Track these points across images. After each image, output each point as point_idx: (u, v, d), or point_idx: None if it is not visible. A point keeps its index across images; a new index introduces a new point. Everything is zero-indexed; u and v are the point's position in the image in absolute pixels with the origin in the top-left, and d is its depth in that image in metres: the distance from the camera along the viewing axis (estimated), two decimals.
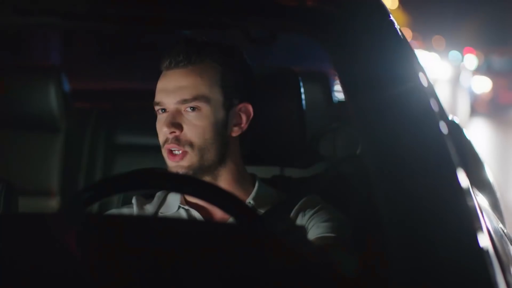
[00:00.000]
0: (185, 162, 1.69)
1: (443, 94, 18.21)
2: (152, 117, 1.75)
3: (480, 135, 12.31)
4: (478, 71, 16.88)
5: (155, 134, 1.74)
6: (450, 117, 2.27)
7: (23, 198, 2.00)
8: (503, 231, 1.67)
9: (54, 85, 2.65)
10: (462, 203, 1.22)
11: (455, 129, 2.34)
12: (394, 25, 1.47)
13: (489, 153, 9.87)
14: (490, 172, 2.40)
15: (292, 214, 1.73)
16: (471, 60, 19.17)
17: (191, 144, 1.69)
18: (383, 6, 1.50)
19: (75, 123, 2.78)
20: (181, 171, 1.69)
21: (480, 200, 1.76)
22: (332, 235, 1.66)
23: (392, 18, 1.48)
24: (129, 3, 1.57)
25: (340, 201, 1.80)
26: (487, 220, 1.46)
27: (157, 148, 1.75)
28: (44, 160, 2.70)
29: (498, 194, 2.26)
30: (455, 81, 22.39)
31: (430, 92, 1.44)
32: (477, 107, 15.57)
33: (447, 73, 26.76)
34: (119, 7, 1.57)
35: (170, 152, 1.70)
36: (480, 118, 14.79)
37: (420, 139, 1.30)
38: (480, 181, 2.21)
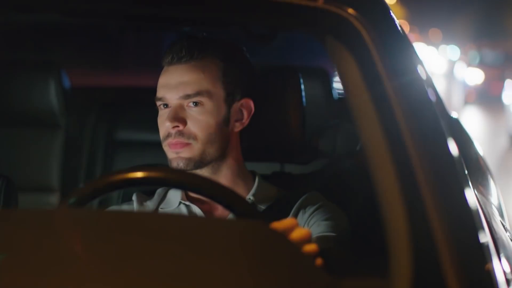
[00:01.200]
0: (185, 153, 1.69)
1: (439, 85, 18.50)
2: (153, 113, 1.75)
3: (473, 122, 12.95)
4: (471, 63, 17.32)
5: (155, 130, 1.74)
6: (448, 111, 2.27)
7: (23, 194, 2.00)
8: (503, 225, 1.68)
9: (54, 81, 2.64)
10: (463, 200, 1.22)
11: (453, 123, 2.34)
12: (394, 22, 1.47)
13: (482, 138, 10.13)
14: (488, 162, 2.41)
15: (292, 211, 1.73)
16: (466, 53, 19.43)
17: (195, 137, 1.69)
18: (383, 3, 1.49)
19: (75, 119, 2.78)
20: (181, 162, 1.69)
21: (480, 195, 1.77)
22: (333, 234, 1.66)
23: (392, 14, 1.47)
24: (130, 0, 1.56)
25: (341, 197, 1.80)
26: (488, 217, 1.46)
27: (157, 144, 1.74)
28: (44, 156, 2.69)
29: (499, 190, 2.27)
30: (450, 73, 22.69)
31: (430, 86, 1.44)
32: (470, 98, 16.02)
33: (443, 66, 26.85)
34: (120, 4, 1.57)
35: (172, 143, 1.70)
36: (473, 108, 15.25)
37: (420, 133, 1.30)
38: (479, 174, 2.21)
